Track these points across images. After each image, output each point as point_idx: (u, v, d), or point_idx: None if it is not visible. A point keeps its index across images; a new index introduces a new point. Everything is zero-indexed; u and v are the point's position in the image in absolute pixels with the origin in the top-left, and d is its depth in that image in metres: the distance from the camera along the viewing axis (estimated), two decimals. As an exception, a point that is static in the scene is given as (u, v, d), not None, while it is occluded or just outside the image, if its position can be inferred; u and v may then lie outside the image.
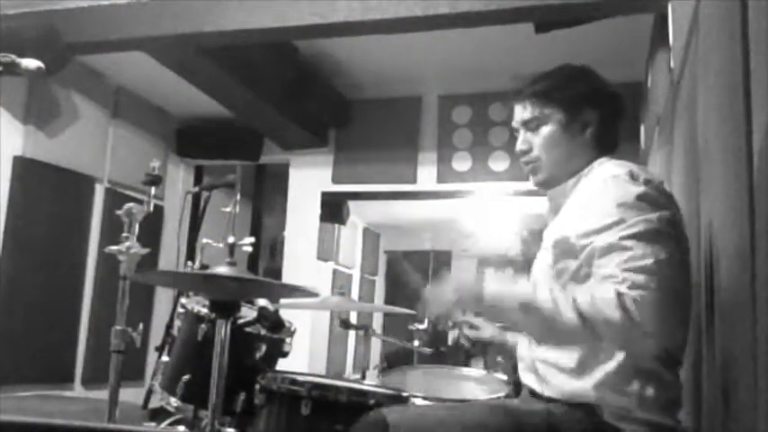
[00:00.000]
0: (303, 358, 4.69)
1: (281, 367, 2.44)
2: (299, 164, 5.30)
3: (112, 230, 3.03)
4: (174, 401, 2.32)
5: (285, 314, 2.55)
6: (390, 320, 5.81)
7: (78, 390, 4.50)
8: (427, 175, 4.87)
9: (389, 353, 4.69)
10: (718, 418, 1.44)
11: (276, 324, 2.44)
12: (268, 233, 6.41)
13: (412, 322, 3.51)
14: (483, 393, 2.50)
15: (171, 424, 2.47)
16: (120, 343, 2.29)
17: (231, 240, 2.05)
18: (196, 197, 4.48)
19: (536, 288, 1.46)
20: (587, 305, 1.33)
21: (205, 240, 2.58)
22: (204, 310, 2.36)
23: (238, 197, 2.55)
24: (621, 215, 1.41)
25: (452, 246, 6.22)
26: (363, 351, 4.75)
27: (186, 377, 2.31)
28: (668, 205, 1.48)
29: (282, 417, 1.97)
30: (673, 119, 2.40)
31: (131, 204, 2.35)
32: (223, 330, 1.89)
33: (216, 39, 3.45)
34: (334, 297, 2.94)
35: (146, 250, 2.35)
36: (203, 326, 2.34)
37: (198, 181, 5.80)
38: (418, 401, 2.10)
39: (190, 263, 2.63)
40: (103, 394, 2.33)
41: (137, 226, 2.35)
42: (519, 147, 1.71)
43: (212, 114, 5.11)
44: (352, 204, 5.59)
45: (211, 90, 4.41)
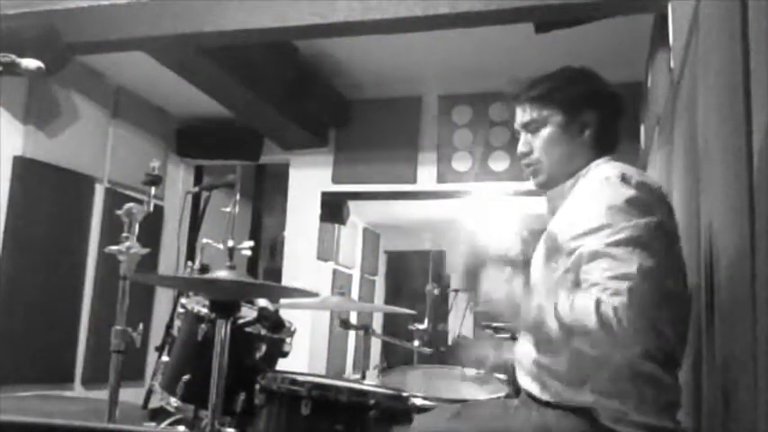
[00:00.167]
0: (303, 358, 4.69)
1: (281, 367, 2.44)
2: (299, 164, 5.29)
3: (112, 230, 3.03)
4: (174, 401, 2.32)
5: (285, 314, 2.56)
6: (390, 320, 5.82)
7: (78, 390, 4.50)
8: (427, 175, 4.86)
9: (389, 353, 4.68)
10: (718, 419, 1.44)
11: (276, 324, 2.44)
12: (268, 233, 6.41)
13: (412, 322, 3.51)
14: (483, 393, 2.50)
15: (171, 424, 2.47)
16: (120, 343, 2.30)
17: (231, 244, 2.05)
18: (196, 197, 4.48)
19: (529, 294, 1.47)
20: (566, 313, 1.35)
21: (205, 240, 2.58)
22: (204, 311, 2.36)
23: (238, 197, 2.55)
24: (609, 219, 1.41)
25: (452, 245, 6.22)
26: (363, 351, 4.74)
27: (186, 377, 2.31)
28: (659, 209, 1.47)
29: (282, 417, 1.97)
30: (673, 119, 2.40)
31: (131, 204, 2.35)
32: (223, 330, 1.89)
33: (216, 39, 3.45)
34: (334, 297, 2.95)
35: (146, 250, 2.35)
36: (203, 326, 2.34)
37: (198, 181, 5.80)
38: (418, 401, 2.10)
39: (190, 263, 2.63)
40: (103, 394, 2.34)
41: (137, 226, 2.35)
42: (520, 149, 1.71)
43: (212, 114, 5.11)
44: (352, 204, 5.59)
45: (211, 90, 4.41)
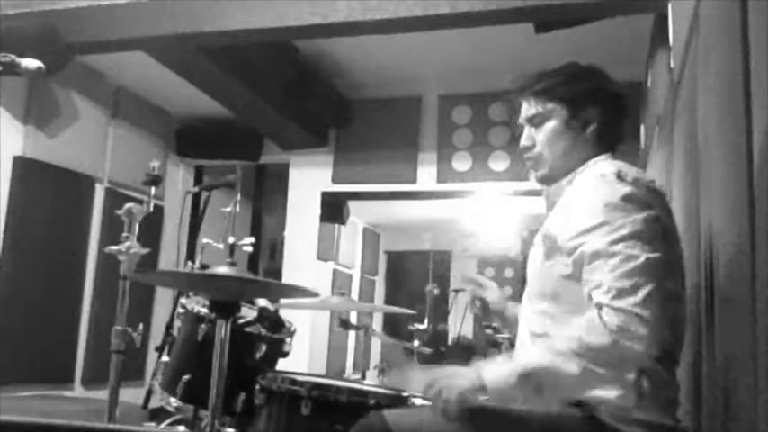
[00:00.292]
0: (303, 358, 4.69)
1: (281, 367, 2.44)
2: (299, 164, 5.29)
3: (112, 230, 3.03)
4: (174, 401, 2.32)
5: (285, 314, 2.56)
6: (390, 320, 5.83)
7: (78, 390, 4.50)
8: (427, 175, 4.86)
9: (389, 353, 4.69)
10: (718, 418, 1.44)
11: (276, 324, 2.44)
12: (268, 233, 6.41)
13: (412, 322, 3.51)
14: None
15: (171, 424, 2.48)
16: (120, 343, 2.29)
17: (231, 241, 2.05)
18: (196, 197, 4.49)
19: (527, 356, 1.48)
20: (576, 345, 1.35)
21: (205, 240, 2.58)
22: (204, 310, 2.36)
23: (238, 197, 2.56)
24: (606, 217, 1.41)
25: (452, 246, 6.23)
26: (363, 351, 4.74)
27: (186, 377, 2.32)
28: (656, 205, 1.47)
29: (282, 417, 1.97)
30: (673, 119, 2.40)
31: (131, 204, 2.35)
32: (223, 330, 1.89)
33: (216, 39, 3.45)
34: (334, 297, 2.95)
35: (146, 250, 2.35)
36: (203, 326, 2.34)
37: (198, 181, 5.80)
38: (418, 401, 2.10)
39: (190, 263, 2.63)
40: (103, 394, 2.34)
41: (137, 226, 2.35)
42: (522, 143, 1.71)
43: (212, 114, 5.11)
44: (352, 204, 5.59)
45: (211, 90, 4.41)
